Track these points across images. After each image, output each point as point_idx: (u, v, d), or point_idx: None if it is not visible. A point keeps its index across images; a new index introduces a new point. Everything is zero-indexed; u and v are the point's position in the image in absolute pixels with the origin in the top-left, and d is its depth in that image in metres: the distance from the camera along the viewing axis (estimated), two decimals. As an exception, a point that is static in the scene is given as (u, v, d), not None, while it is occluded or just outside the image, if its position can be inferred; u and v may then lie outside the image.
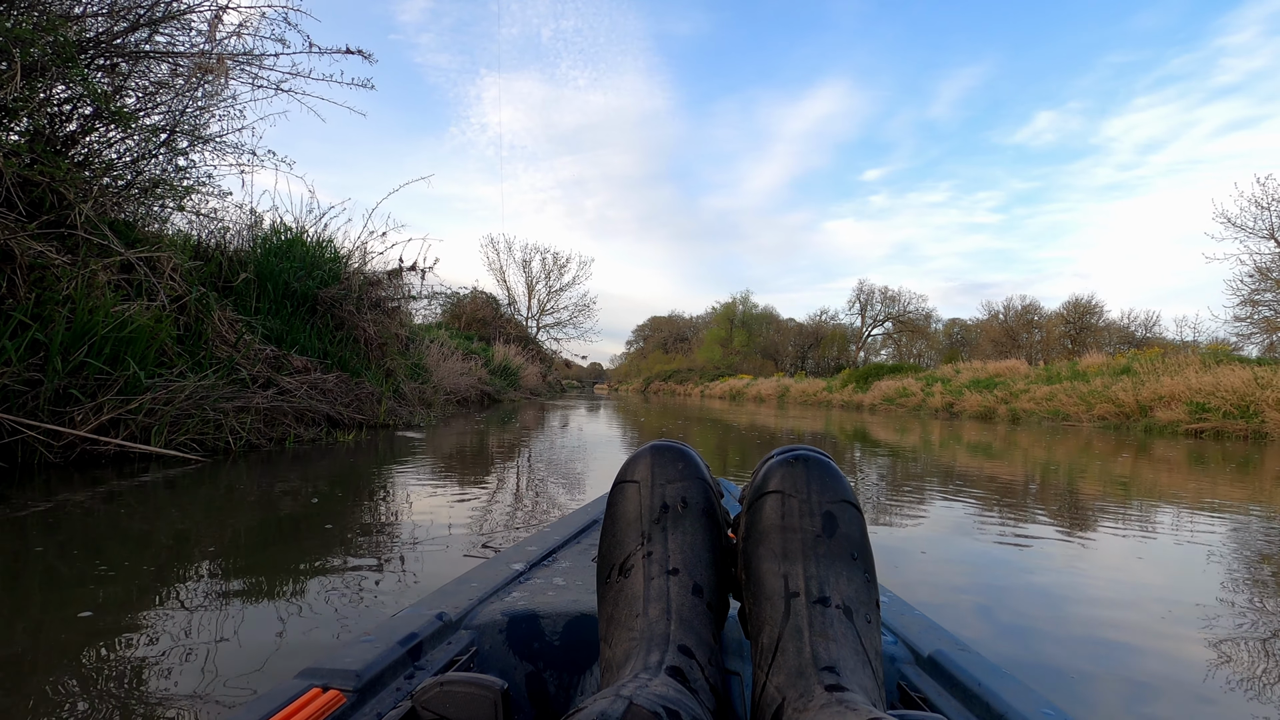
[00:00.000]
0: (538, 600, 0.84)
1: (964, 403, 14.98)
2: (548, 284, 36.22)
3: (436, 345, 10.82)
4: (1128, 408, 10.82)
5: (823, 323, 44.30)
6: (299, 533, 2.11)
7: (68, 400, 3.03)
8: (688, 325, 54.96)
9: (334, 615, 1.36)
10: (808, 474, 0.61)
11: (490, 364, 15.01)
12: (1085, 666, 1.24)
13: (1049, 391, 12.96)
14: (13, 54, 3.00)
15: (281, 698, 0.57)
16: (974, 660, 0.70)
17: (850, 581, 0.59)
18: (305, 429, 4.48)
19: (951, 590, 1.71)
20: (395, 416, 6.07)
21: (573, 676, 0.78)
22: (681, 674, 0.53)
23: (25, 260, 3.07)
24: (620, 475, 0.68)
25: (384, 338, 6.59)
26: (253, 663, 1.12)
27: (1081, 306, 29.06)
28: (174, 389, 3.40)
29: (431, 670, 0.69)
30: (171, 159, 4.66)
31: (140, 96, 4.38)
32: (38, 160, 3.24)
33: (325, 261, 6.22)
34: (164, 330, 3.52)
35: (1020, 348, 30.01)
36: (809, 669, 0.53)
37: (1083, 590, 1.75)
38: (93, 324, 3.12)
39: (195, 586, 1.56)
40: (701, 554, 0.63)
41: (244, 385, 4.19)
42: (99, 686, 1.04)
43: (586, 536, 1.18)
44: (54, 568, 1.65)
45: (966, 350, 34.93)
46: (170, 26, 4.01)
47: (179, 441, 3.36)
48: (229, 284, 4.98)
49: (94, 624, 1.30)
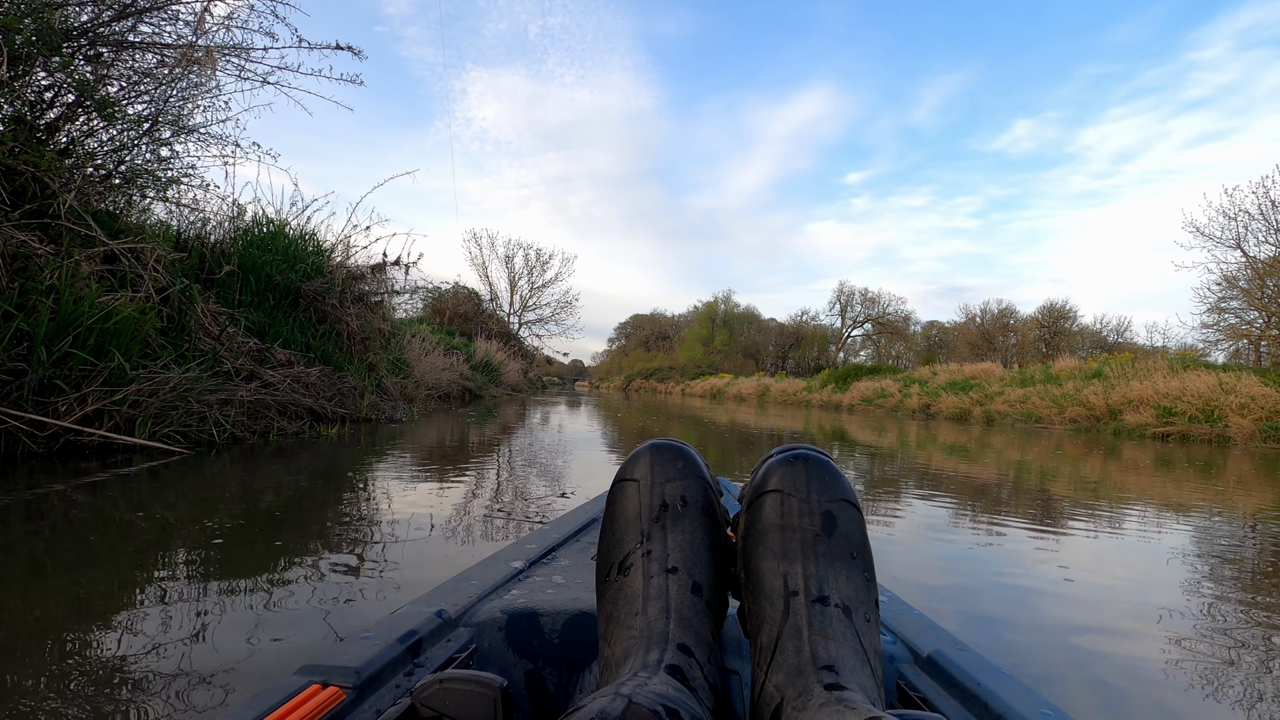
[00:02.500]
0: (537, 598, 0.84)
1: (940, 404, 15.24)
2: (530, 280, 36.10)
3: (418, 340, 10.79)
4: (1098, 411, 11.11)
5: (804, 323, 44.66)
6: (286, 526, 2.14)
7: (52, 391, 3.01)
8: (670, 324, 55.09)
9: (323, 609, 1.39)
10: (807, 473, 0.62)
11: (472, 360, 14.97)
12: (1058, 668, 1.27)
13: (1023, 394, 13.24)
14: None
15: (281, 694, 0.58)
16: (973, 660, 0.70)
17: (849, 581, 0.59)
18: (289, 422, 4.48)
19: (922, 590, 1.79)
20: (377, 411, 6.07)
21: (572, 675, 0.78)
22: (681, 672, 0.53)
23: (8, 250, 3.04)
24: (620, 474, 0.69)
25: (367, 332, 6.58)
26: (237, 656, 1.13)
27: (1056, 311, 29.63)
28: (158, 381, 3.39)
29: (431, 668, 0.69)
30: (154, 149, 4.63)
31: (124, 85, 4.35)
32: (21, 149, 3.21)
33: (308, 255, 6.19)
34: (148, 322, 3.51)
35: (996, 351, 30.52)
36: (808, 668, 0.53)
37: (1052, 589, 1.81)
38: (77, 314, 3.10)
39: (182, 579, 1.59)
40: (701, 553, 0.63)
41: (227, 378, 4.18)
42: (86, 680, 1.04)
43: (586, 535, 1.19)
44: (39, 560, 1.67)
45: (944, 352, 35.46)
46: (157, 16, 3.98)
47: (163, 433, 3.36)
48: (211, 276, 4.95)
49: (79, 617, 1.32)
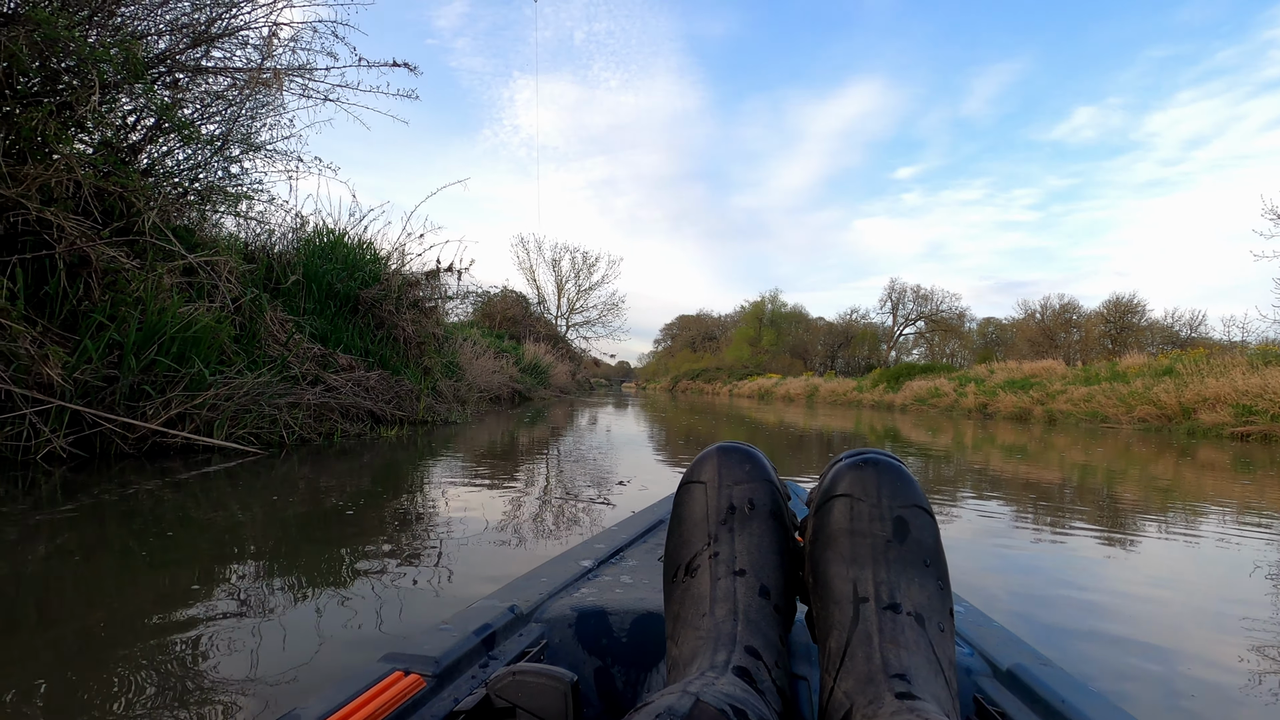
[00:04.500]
0: (605, 597, 0.85)
1: (998, 403, 14.74)
2: (577, 283, 36.52)
3: (469, 344, 11.05)
4: (1170, 410, 10.56)
5: (853, 322, 43.82)
6: (356, 522, 2.25)
7: (140, 395, 3.24)
8: (716, 324, 54.84)
9: (395, 601, 1.47)
10: (878, 478, 0.61)
11: (521, 362, 15.23)
12: (1136, 688, 1.20)
13: (1087, 392, 12.70)
14: (93, 72, 3.21)
15: (367, 679, 0.61)
16: (1057, 676, 0.67)
17: (922, 588, 0.57)
18: (351, 424, 4.67)
19: (985, 598, 1.71)
20: (433, 413, 6.26)
21: (640, 673, 0.79)
22: (748, 674, 0.53)
23: (99, 265, 3.28)
24: (687, 476, 0.69)
25: (422, 337, 6.79)
26: (310, 646, 1.21)
27: (1122, 305, 28.27)
28: (233, 385, 3.60)
29: (504, 660, 0.71)
30: (225, 166, 4.90)
31: (198, 108, 4.62)
32: (112, 172, 3.46)
33: (366, 263, 6.44)
34: (224, 330, 3.72)
35: (1057, 348, 29.30)
36: (879, 675, 0.52)
37: (1123, 601, 1.74)
38: (161, 324, 3.32)
39: (262, 572, 1.69)
40: (769, 556, 0.63)
41: (294, 382, 4.39)
42: (176, 667, 1.11)
43: (653, 536, 1.21)
44: (132, 552, 1.80)
45: (1001, 350, 34.23)
46: (228, 42, 4.22)
47: (238, 435, 3.56)
48: (278, 285, 5.21)
49: (169, 607, 1.42)
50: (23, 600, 1.43)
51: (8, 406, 2.79)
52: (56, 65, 3.42)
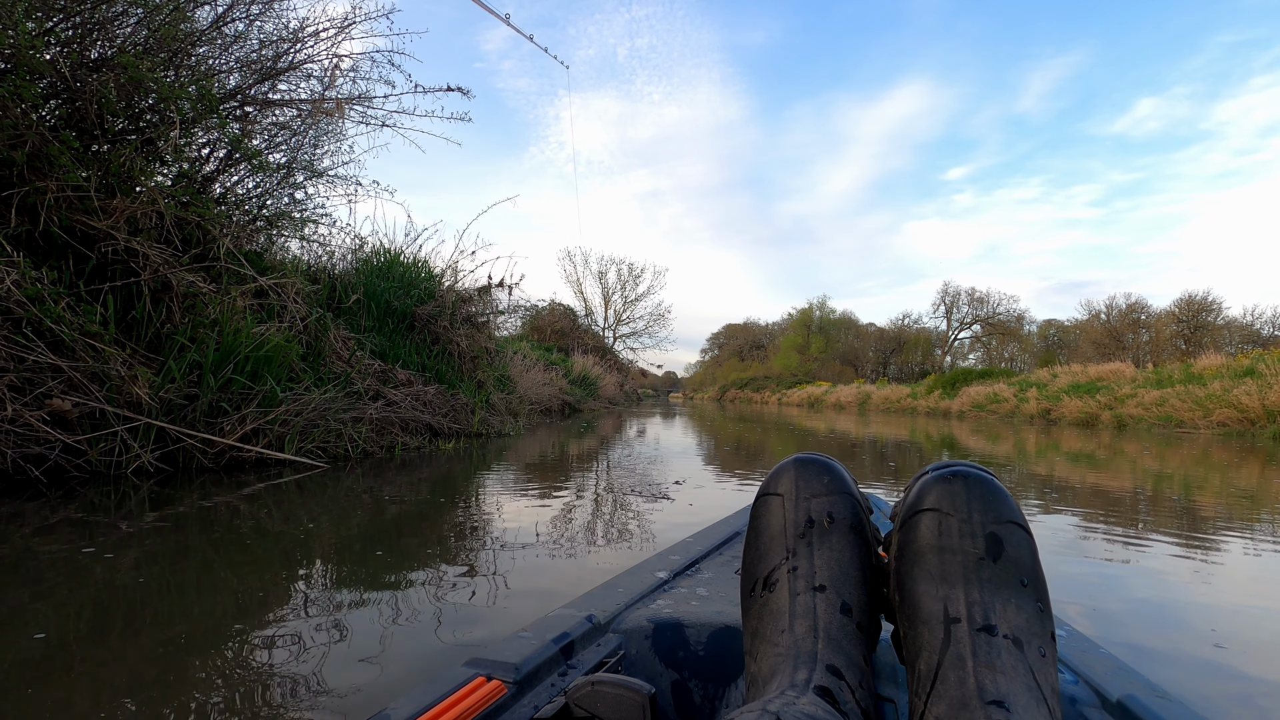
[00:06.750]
0: (682, 609, 0.84)
1: (1062, 408, 14.13)
2: (623, 294, 36.79)
3: (519, 357, 11.25)
4: (1253, 413, 9.93)
5: (905, 327, 42.74)
6: (419, 531, 2.32)
7: (218, 412, 3.42)
8: (764, 332, 54.35)
9: (467, 607, 1.52)
10: (968, 492, 0.57)
11: (570, 374, 15.41)
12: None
13: (1159, 396, 12.05)
14: (172, 109, 3.44)
15: (451, 683, 0.62)
16: (1175, 709, 0.62)
17: (1020, 610, 0.54)
18: (410, 438, 4.82)
19: (1093, 621, 1.62)
20: (487, 425, 6.39)
21: (717, 688, 0.78)
22: (830, 695, 0.51)
23: (180, 289, 3.49)
24: (763, 488, 0.68)
25: (475, 351, 6.95)
26: (384, 649, 1.26)
27: (1196, 304, 26.78)
28: (302, 402, 3.76)
29: (582, 669, 0.71)
30: (290, 193, 5.15)
31: (266, 138, 4.87)
32: (190, 201, 3.68)
33: (421, 281, 6.64)
34: (293, 349, 3.90)
35: (1125, 349, 27.94)
36: (973, 701, 0.49)
37: (1205, 613, 1.65)
38: (236, 344, 3.50)
39: (336, 580, 1.76)
40: (850, 572, 0.61)
41: (358, 398, 4.55)
42: (260, 671, 1.15)
43: (729, 548, 1.19)
44: (211, 562, 1.90)
45: (1064, 353, 32.83)
46: (293, 75, 4.45)
47: (307, 449, 3.71)
48: (340, 304, 5.42)
49: (247, 614, 1.50)
50: (113, 606, 1.52)
51: (101, 424, 2.98)
52: (139, 104, 3.68)
